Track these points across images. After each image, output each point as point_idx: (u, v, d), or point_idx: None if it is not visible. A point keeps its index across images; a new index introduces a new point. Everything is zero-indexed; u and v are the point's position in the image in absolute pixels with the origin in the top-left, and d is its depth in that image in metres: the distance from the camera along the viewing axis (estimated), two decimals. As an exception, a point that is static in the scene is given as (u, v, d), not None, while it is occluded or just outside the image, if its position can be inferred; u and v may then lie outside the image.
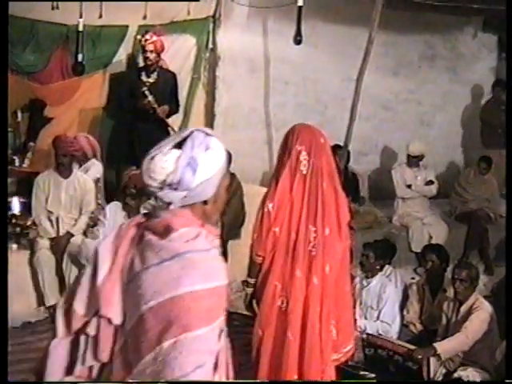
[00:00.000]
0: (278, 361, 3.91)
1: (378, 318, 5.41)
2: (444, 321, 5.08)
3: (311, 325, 3.88)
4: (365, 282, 5.53)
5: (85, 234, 5.91)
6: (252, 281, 4.12)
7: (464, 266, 5.20)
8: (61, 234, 5.88)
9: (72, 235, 5.85)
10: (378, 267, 5.54)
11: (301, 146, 3.90)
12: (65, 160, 5.92)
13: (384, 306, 5.42)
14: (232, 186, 6.68)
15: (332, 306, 3.95)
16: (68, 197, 5.96)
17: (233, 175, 6.78)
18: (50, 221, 5.94)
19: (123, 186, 5.81)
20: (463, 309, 4.94)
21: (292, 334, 3.87)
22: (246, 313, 6.00)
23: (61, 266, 5.76)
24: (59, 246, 5.77)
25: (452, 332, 4.88)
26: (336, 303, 3.98)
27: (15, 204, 5.94)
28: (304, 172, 3.89)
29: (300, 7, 6.48)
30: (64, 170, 5.97)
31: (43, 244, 5.81)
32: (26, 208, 6.05)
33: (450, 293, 5.09)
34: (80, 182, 6.00)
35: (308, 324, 3.89)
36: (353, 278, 4.84)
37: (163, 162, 2.18)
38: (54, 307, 5.73)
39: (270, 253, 3.92)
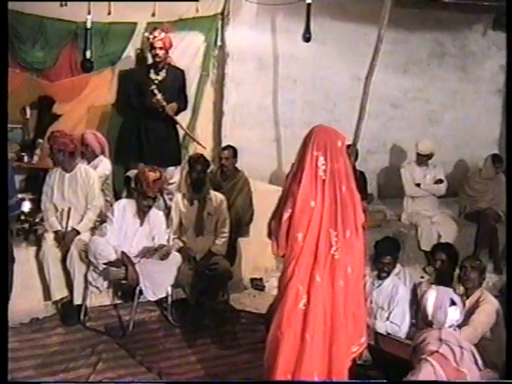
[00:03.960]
0: (296, 361, 3.97)
1: (387, 318, 5.38)
2: None
3: (339, 324, 3.98)
4: (376, 283, 5.50)
5: (92, 231, 5.89)
6: None
7: (472, 262, 5.23)
8: (68, 229, 5.86)
9: (78, 232, 5.82)
10: (389, 267, 5.52)
11: (318, 152, 3.95)
12: (60, 156, 5.88)
13: (395, 307, 5.39)
14: (239, 183, 6.69)
15: (350, 302, 4.05)
16: (71, 191, 5.92)
17: (240, 172, 6.79)
18: (58, 216, 5.92)
19: (135, 183, 5.77)
20: (468, 303, 4.97)
21: (310, 336, 3.95)
22: (253, 311, 6.05)
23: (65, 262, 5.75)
24: (65, 242, 5.76)
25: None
26: (352, 298, 4.07)
27: (24, 200, 5.94)
28: (323, 177, 3.94)
29: (309, 4, 6.46)
30: (66, 165, 5.93)
31: (49, 238, 5.81)
32: (35, 205, 6.06)
33: (460, 291, 5.09)
34: (82, 175, 5.94)
35: (335, 324, 3.98)
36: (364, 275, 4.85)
37: None
38: (60, 302, 5.74)
39: (294, 258, 3.95)
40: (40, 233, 5.93)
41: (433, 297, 4.13)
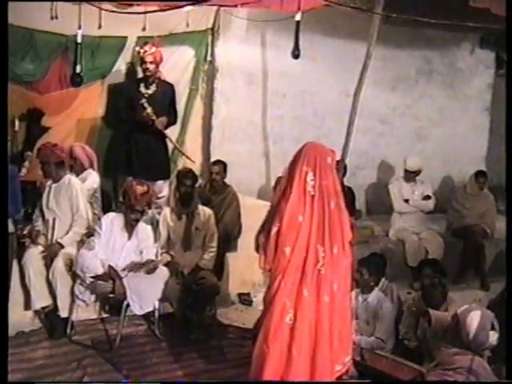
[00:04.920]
0: (282, 375, 3.99)
1: (372, 334, 5.39)
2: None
3: (323, 340, 3.99)
4: (361, 298, 5.51)
5: (79, 244, 5.85)
6: None
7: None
8: (54, 239, 5.82)
9: (62, 246, 5.76)
10: (372, 283, 5.54)
11: (307, 167, 3.99)
12: (46, 168, 5.88)
13: (380, 323, 5.41)
14: (227, 198, 6.70)
15: (337, 319, 4.06)
16: (55, 201, 5.88)
17: (229, 186, 6.80)
18: (46, 225, 5.91)
19: (123, 197, 5.77)
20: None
21: (296, 351, 3.97)
22: (241, 326, 6.04)
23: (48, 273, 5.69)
24: (50, 254, 5.72)
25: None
26: (339, 316, 4.09)
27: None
28: (312, 193, 3.98)
29: (298, 22, 6.49)
30: (54, 175, 5.90)
31: (35, 247, 5.78)
32: (23, 217, 6.03)
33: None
34: (65, 185, 5.89)
35: (320, 340, 3.99)
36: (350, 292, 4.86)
37: None
38: (42, 312, 5.73)
39: (281, 271, 3.96)
40: (27, 244, 5.90)
41: (477, 318, 4.09)
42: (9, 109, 4.31)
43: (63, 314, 5.63)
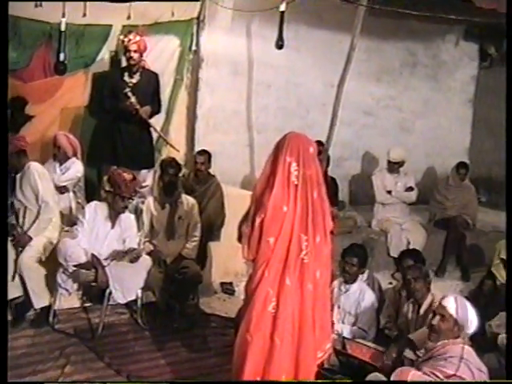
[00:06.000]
0: (265, 364, 4.01)
1: (354, 323, 5.43)
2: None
3: (307, 328, 4.03)
4: (343, 288, 5.55)
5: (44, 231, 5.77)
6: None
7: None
8: (24, 230, 5.76)
9: (31, 238, 5.68)
10: (360, 273, 5.58)
11: (290, 158, 3.99)
12: (11, 160, 5.57)
13: (362, 313, 5.44)
14: (211, 188, 6.72)
15: (319, 307, 4.10)
16: (21, 192, 5.75)
17: (213, 176, 6.82)
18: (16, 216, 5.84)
19: (111, 185, 5.74)
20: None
21: (279, 339, 3.99)
22: (223, 315, 6.07)
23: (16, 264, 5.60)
24: (18, 245, 5.65)
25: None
26: (321, 303, 4.12)
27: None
28: (295, 183, 3.99)
29: (282, 12, 6.50)
30: (17, 166, 5.75)
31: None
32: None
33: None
34: (26, 172, 5.72)
35: (303, 328, 4.02)
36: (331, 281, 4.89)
37: None
38: (13, 302, 5.64)
39: (265, 261, 3.99)
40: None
41: (453, 299, 4.12)
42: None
43: (37, 304, 5.59)
